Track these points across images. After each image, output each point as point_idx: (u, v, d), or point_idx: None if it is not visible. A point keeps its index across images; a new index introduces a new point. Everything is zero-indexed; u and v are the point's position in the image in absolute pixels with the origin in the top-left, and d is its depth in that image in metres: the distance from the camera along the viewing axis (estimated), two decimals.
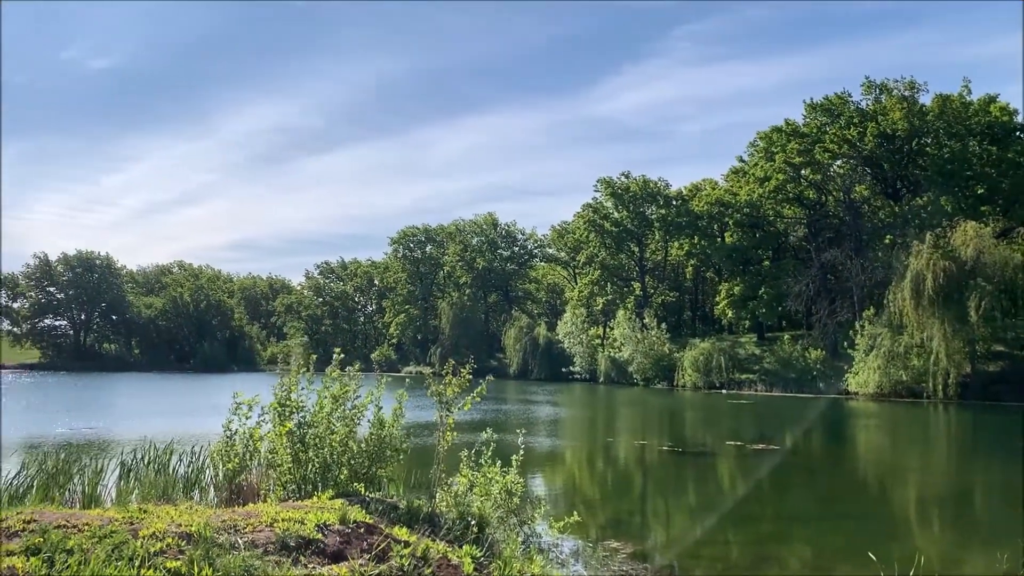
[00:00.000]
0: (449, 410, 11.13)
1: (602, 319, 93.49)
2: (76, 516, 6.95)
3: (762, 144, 77.99)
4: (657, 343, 78.32)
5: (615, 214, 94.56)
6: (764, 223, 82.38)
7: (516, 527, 10.67)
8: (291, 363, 11.17)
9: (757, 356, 72.97)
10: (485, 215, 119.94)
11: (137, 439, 15.29)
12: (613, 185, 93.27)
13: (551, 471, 23.84)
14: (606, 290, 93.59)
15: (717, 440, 32.86)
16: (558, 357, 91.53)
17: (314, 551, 6.86)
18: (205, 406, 42.41)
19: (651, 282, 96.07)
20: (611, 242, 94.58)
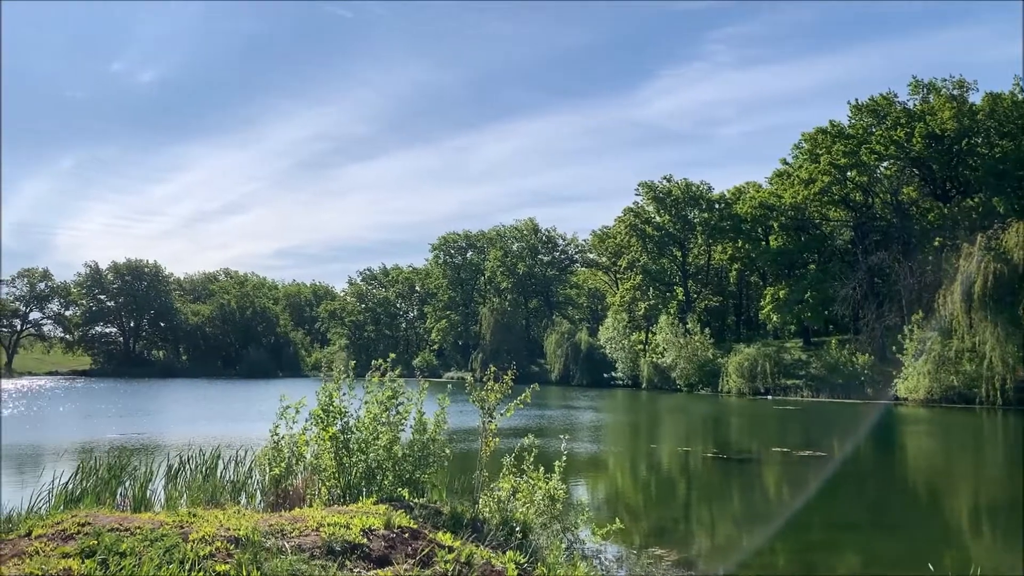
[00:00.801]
0: (491, 416, 11.14)
1: (644, 324, 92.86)
2: (128, 519, 7.10)
3: (807, 146, 76.92)
4: (700, 348, 77.55)
5: (657, 218, 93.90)
6: (809, 226, 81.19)
7: (559, 533, 10.63)
8: (334, 369, 11.29)
9: (803, 361, 71.85)
10: (526, 220, 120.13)
11: (185, 444, 15.57)
12: (655, 189, 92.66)
13: (593, 477, 23.73)
14: (648, 295, 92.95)
15: (763, 446, 32.43)
16: (600, 363, 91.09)
17: (360, 555, 6.91)
18: (251, 412, 43.05)
19: (694, 287, 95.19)
20: (653, 246, 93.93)
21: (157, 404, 55.15)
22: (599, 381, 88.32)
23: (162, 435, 30.74)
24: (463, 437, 23.44)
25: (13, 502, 8.97)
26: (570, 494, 12.51)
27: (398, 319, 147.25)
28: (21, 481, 17.97)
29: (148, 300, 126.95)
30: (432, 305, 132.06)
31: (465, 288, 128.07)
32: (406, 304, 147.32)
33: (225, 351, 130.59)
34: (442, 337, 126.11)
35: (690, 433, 39.65)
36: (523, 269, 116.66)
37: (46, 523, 7.07)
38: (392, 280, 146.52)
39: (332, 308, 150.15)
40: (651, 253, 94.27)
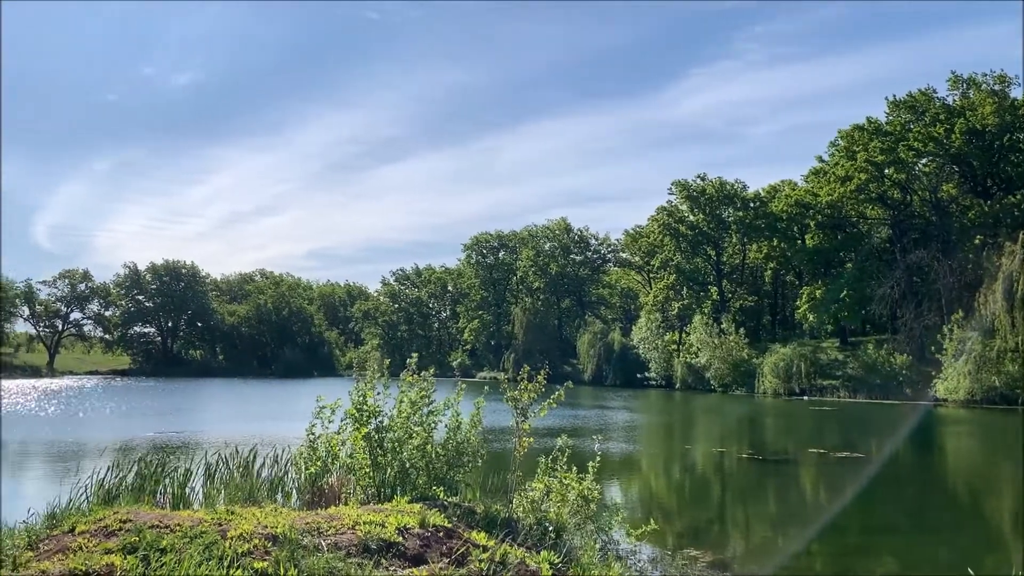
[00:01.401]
0: (525, 416, 11.14)
1: (678, 324, 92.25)
2: (168, 516, 7.21)
3: (843, 143, 75.89)
4: (735, 348, 76.90)
5: (691, 217, 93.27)
6: (846, 224, 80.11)
7: (593, 534, 10.61)
8: (367, 369, 11.35)
9: (840, 361, 70.94)
10: (558, 220, 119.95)
11: (222, 443, 15.76)
12: (688, 187, 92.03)
13: (627, 478, 23.63)
14: (682, 295, 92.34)
15: (799, 447, 32.07)
16: (633, 363, 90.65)
17: (395, 554, 6.95)
18: (287, 411, 43.51)
19: (728, 286, 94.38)
20: (687, 246, 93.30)
21: (194, 403, 55.94)
22: (632, 381, 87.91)
23: (199, 434, 31.17)
24: (496, 437, 23.48)
25: (55, 498, 9.15)
26: (604, 495, 12.46)
27: (431, 319, 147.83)
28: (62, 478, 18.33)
29: (185, 300, 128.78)
30: (464, 305, 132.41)
31: (497, 288, 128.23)
32: (439, 304, 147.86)
33: (261, 351, 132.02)
34: (474, 337, 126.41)
35: (725, 434, 39.33)
36: (555, 269, 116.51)
37: (89, 519, 7.21)
38: (425, 280, 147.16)
39: (366, 308, 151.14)
40: (685, 252, 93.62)
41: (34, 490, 18.86)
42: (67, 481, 10.91)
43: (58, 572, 5.80)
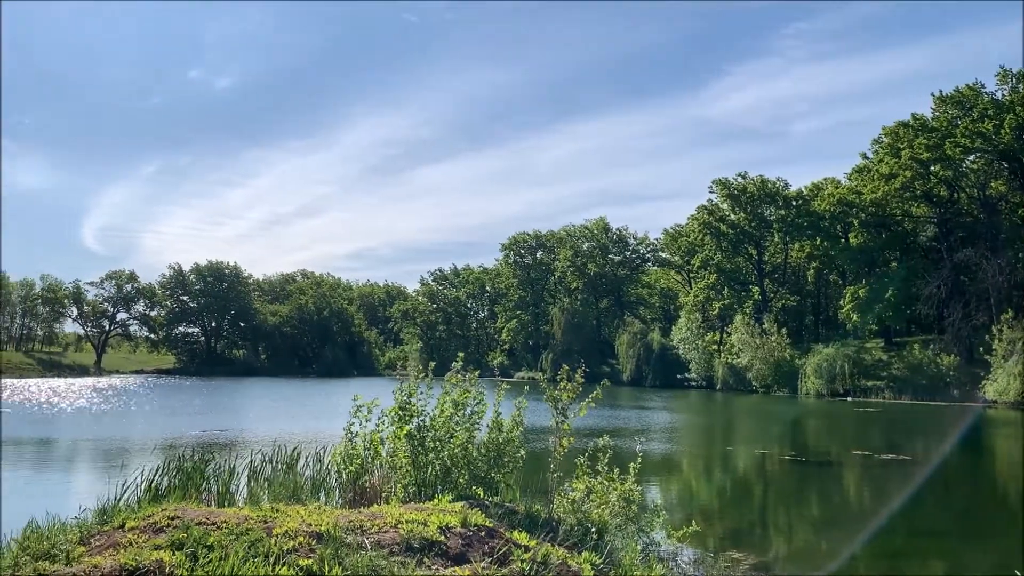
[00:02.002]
0: (564, 416, 11.12)
1: (718, 324, 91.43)
2: (215, 514, 7.32)
3: (887, 140, 74.57)
4: (777, 349, 76.00)
5: (732, 216, 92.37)
6: (891, 222, 78.69)
7: (635, 535, 10.54)
8: (408, 368, 11.43)
9: (885, 362, 69.76)
10: (596, 220, 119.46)
11: (265, 441, 15.97)
12: (729, 186, 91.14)
13: (667, 479, 23.48)
14: (722, 294, 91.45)
15: (842, 449, 31.60)
16: (673, 363, 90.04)
17: (437, 553, 6.98)
18: (328, 410, 43.97)
19: (770, 286, 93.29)
20: (727, 245, 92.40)
21: (238, 402, 56.76)
22: (672, 382, 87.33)
23: (243, 432, 31.62)
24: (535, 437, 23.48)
25: (104, 495, 9.34)
26: (644, 496, 12.39)
27: (469, 319, 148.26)
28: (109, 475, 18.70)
29: (229, 301, 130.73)
30: (502, 305, 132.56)
31: (535, 288, 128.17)
32: (477, 304, 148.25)
33: (302, 350, 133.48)
34: (512, 337, 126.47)
35: (766, 435, 38.87)
36: (594, 269, 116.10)
37: (138, 516, 7.35)
38: (463, 280, 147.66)
39: (404, 308, 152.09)
40: (725, 251, 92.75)
41: (84, 486, 19.30)
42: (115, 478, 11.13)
43: (109, 567, 5.91)
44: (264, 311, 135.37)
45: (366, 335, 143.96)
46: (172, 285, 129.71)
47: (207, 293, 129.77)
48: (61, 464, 24.54)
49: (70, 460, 25.30)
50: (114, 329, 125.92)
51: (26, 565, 6.18)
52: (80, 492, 17.72)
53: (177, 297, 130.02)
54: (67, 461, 25.15)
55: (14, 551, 6.74)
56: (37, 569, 6.01)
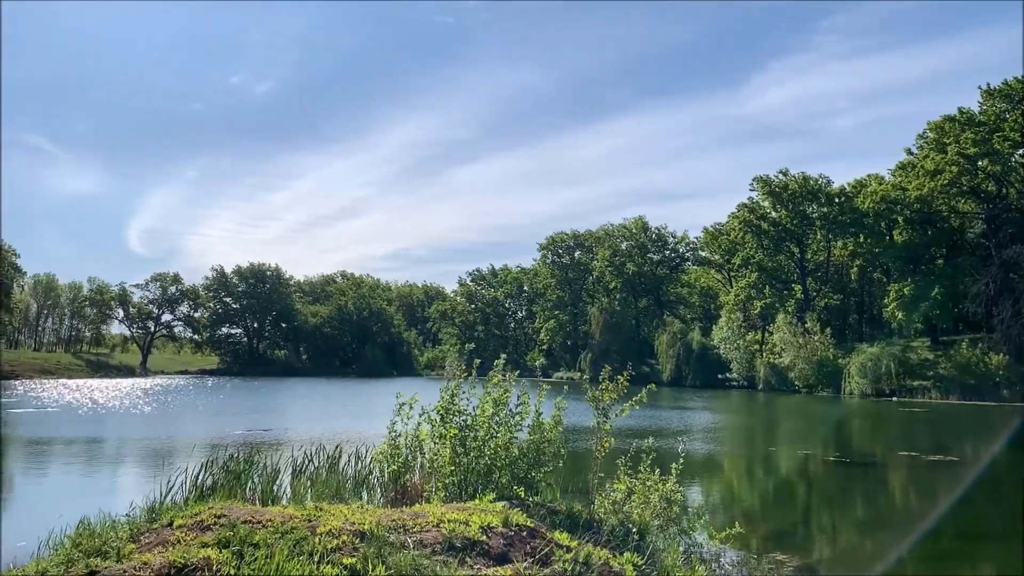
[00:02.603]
0: (606, 416, 11.08)
1: (760, 323, 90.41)
2: (260, 512, 7.42)
3: (932, 135, 73.13)
4: (820, 348, 74.95)
5: (773, 213, 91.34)
6: (937, 219, 77.17)
7: (676, 536, 10.47)
8: (447, 369, 11.51)
9: (931, 361, 68.38)
10: (634, 219, 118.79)
11: (308, 440, 16.14)
12: (770, 183, 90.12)
13: (709, 480, 23.27)
14: (764, 293, 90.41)
15: (888, 450, 31.04)
16: (713, 363, 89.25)
17: (479, 552, 7.00)
18: (369, 409, 44.34)
19: (813, 284, 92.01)
20: (769, 243, 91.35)
21: (280, 402, 57.44)
22: (713, 382, 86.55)
23: (286, 431, 31.98)
24: (575, 436, 23.41)
25: (151, 493, 9.53)
26: (686, 496, 12.30)
27: (507, 319, 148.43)
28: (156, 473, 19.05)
29: (270, 302, 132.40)
30: (540, 305, 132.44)
31: (573, 288, 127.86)
32: (515, 304, 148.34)
33: (342, 350, 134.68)
34: (551, 337, 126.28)
35: (810, 435, 38.33)
36: (632, 268, 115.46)
37: (185, 514, 7.48)
38: (501, 280, 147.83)
39: (443, 308, 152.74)
40: (767, 250, 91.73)
41: (132, 484, 19.69)
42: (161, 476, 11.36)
43: (159, 564, 6.03)
44: (305, 312, 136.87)
45: (405, 335, 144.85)
46: (215, 287, 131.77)
47: (249, 294, 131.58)
48: (109, 463, 25.06)
49: (118, 459, 25.82)
50: (159, 330, 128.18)
51: (79, 561, 6.32)
52: (128, 490, 18.08)
53: (220, 299, 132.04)
54: (115, 460, 25.67)
55: (67, 547, 6.90)
56: (89, 565, 6.15)
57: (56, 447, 27.89)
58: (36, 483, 21.12)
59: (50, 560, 6.65)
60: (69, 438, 30.10)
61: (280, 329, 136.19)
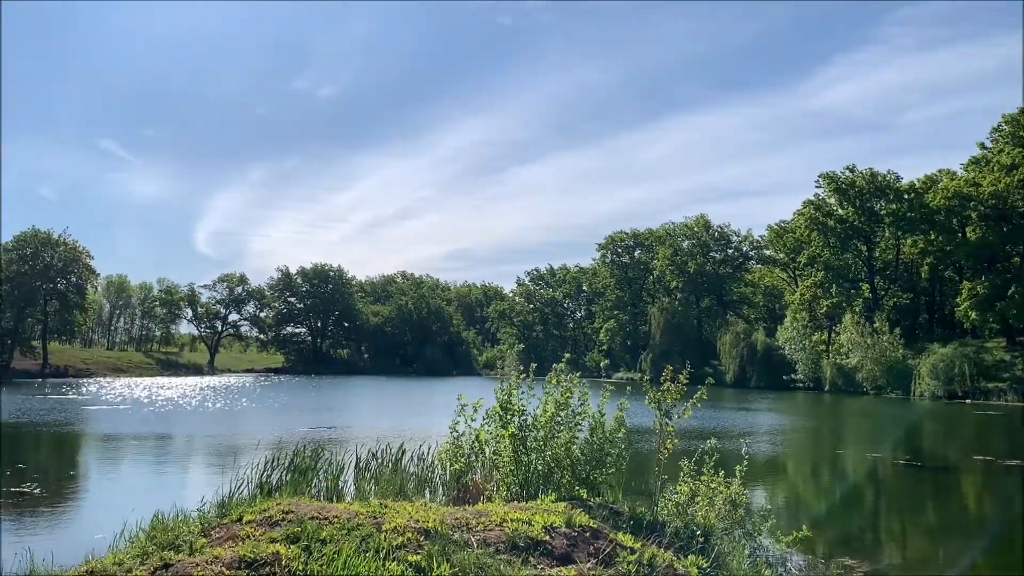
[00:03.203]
0: (668, 417, 10.97)
1: (826, 323, 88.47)
2: (326, 508, 7.54)
3: (1008, 128, 70.70)
4: (889, 349, 73.04)
5: (840, 211, 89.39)
6: (1013, 215, 74.41)
7: (742, 539, 10.31)
8: (506, 368, 11.54)
9: (1007, 363, 66.04)
10: (696, 217, 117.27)
11: (371, 438, 16.34)
12: (837, 180, 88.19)
13: (774, 482, 22.86)
14: (830, 292, 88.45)
15: (961, 454, 30.08)
16: (778, 364, 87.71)
17: (542, 552, 6.99)
18: (430, 408, 44.73)
19: (881, 283, 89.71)
20: (835, 241, 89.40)
21: (343, 400, 58.32)
22: (777, 383, 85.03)
23: (349, 429, 32.45)
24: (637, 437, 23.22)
25: (220, 488, 9.75)
26: (751, 499, 12.10)
27: (566, 319, 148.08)
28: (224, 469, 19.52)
29: (333, 302, 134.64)
30: (600, 305, 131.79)
31: (633, 287, 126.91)
32: (573, 304, 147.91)
33: (403, 349, 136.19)
34: (610, 337, 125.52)
35: (878, 438, 37.35)
36: (694, 267, 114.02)
37: (254, 509, 7.64)
38: (559, 280, 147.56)
39: (501, 308, 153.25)
40: (833, 248, 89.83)
41: (201, 479, 20.20)
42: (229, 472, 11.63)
43: (229, 558, 6.16)
44: (366, 311, 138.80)
45: (464, 335, 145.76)
46: (280, 287, 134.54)
47: (313, 294, 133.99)
48: (179, 458, 25.77)
49: (187, 455, 26.54)
50: (226, 330, 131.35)
51: (153, 554, 6.51)
52: (198, 485, 18.55)
53: (285, 299, 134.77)
54: (184, 456, 26.38)
55: (142, 541, 7.12)
56: (163, 558, 6.32)
57: (128, 443, 28.80)
58: (110, 477, 21.84)
59: (126, 552, 6.86)
60: (140, 434, 31.06)
61: (343, 328, 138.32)
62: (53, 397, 50.23)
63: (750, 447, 27.87)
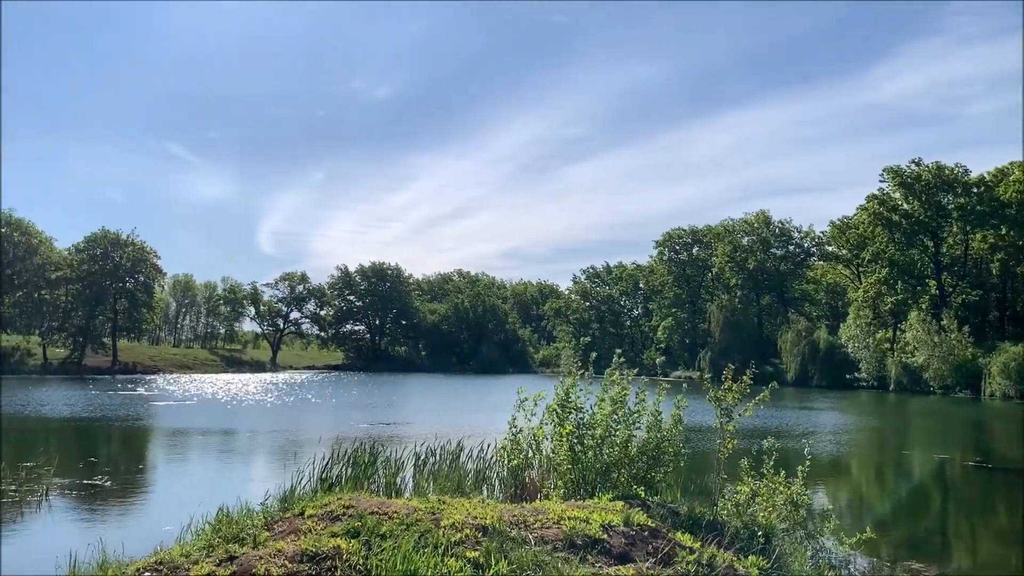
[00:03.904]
0: (729, 417, 10.84)
1: (891, 321, 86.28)
2: (385, 504, 7.63)
3: None
4: (958, 347, 70.95)
5: (905, 205, 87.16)
6: None
7: (803, 540, 10.13)
8: (562, 366, 11.53)
9: None
10: (756, 213, 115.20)
11: (428, 434, 16.49)
12: (902, 174, 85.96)
13: (837, 483, 22.42)
14: (895, 289, 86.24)
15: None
16: (841, 363, 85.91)
17: (600, 551, 6.97)
18: (486, 405, 44.94)
19: (948, 279, 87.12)
20: (900, 236, 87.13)
21: (401, 396, 58.93)
22: (840, 382, 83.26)
23: (408, 426, 32.79)
24: (696, 436, 23.00)
25: (283, 483, 9.95)
26: (812, 499, 11.87)
27: (622, 317, 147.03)
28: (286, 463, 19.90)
29: (391, 300, 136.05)
30: (657, 302, 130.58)
31: (691, 285, 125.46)
32: (630, 302, 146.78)
33: (459, 347, 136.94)
34: (668, 335, 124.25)
35: (947, 439, 36.32)
36: (754, 264, 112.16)
37: (316, 504, 7.78)
38: (616, 278, 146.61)
39: (557, 306, 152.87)
40: (898, 244, 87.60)
41: (264, 473, 20.64)
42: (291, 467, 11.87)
43: (291, 551, 6.28)
44: (423, 309, 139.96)
45: (520, 333, 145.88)
46: (339, 286, 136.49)
47: (371, 293, 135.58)
48: (243, 453, 26.36)
49: (250, 449, 27.12)
50: (287, 327, 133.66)
51: (219, 547, 6.67)
52: (261, 479, 18.96)
53: (344, 297, 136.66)
54: (248, 450, 26.98)
55: (208, 533, 7.30)
56: (228, 551, 6.48)
57: (194, 437, 29.57)
58: (177, 471, 22.46)
59: (193, 544, 7.04)
60: (205, 429, 31.86)
61: (400, 326, 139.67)
62: (123, 393, 51.84)
63: (812, 447, 27.36)
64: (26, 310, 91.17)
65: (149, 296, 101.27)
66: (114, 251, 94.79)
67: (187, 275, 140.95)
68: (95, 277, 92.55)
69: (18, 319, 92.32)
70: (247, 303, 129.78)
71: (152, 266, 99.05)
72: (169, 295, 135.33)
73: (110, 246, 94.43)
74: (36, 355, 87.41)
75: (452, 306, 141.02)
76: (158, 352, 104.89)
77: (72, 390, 54.16)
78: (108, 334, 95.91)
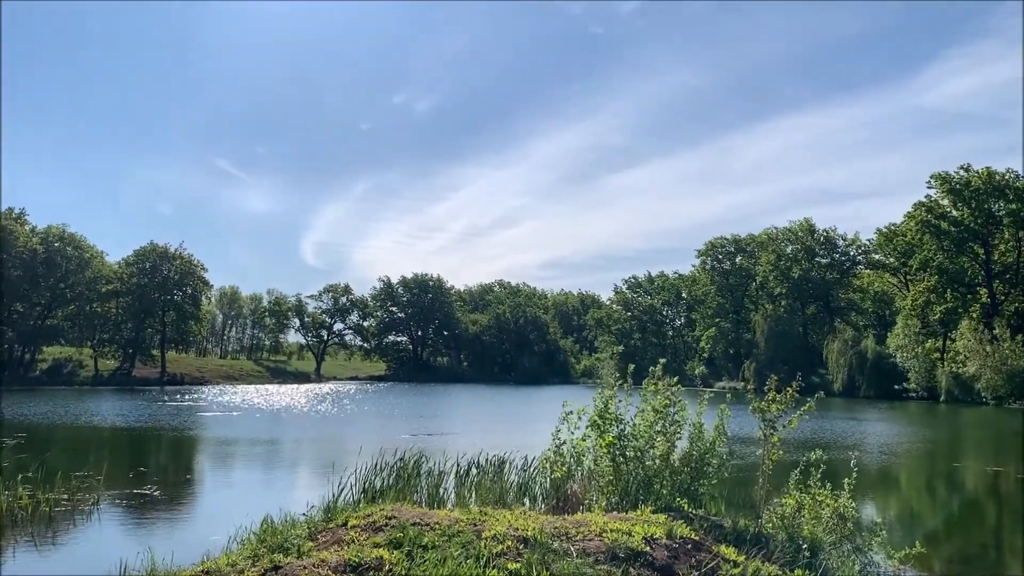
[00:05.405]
0: (773, 428, 10.69)
1: (940, 330, 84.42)
2: (427, 515, 7.67)
3: None
4: (1011, 356, 69.11)
5: (954, 212, 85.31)
6: None
7: (851, 554, 9.94)
8: (603, 376, 11.48)
9: None
10: (801, 221, 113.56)
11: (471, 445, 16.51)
12: (950, 180, 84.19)
13: (885, 495, 21.95)
14: (944, 298, 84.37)
15: None
16: (888, 373, 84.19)
17: (642, 563, 6.91)
18: (529, 416, 44.88)
19: (1001, 287, 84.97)
20: (949, 244, 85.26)
21: (444, 407, 59.11)
22: (888, 392, 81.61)
23: (450, 435, 32.86)
24: (740, 449, 22.69)
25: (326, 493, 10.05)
26: (860, 512, 11.65)
27: (665, 327, 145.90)
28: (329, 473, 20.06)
29: (433, 311, 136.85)
30: (700, 312, 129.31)
31: (735, 294, 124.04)
32: (672, 312, 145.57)
33: (501, 358, 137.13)
34: (711, 345, 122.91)
35: (1000, 451, 35.34)
36: (798, 273, 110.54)
37: (359, 515, 7.84)
38: (658, 288, 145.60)
39: (599, 316, 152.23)
40: (947, 251, 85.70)
41: (308, 483, 20.85)
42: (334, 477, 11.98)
43: (335, 562, 6.34)
44: (465, 320, 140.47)
45: (562, 343, 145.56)
46: (382, 297, 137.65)
47: (413, 304, 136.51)
48: (287, 463, 26.66)
49: (295, 459, 27.42)
50: (331, 338, 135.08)
51: (264, 556, 6.76)
52: (304, 488, 19.15)
53: (387, 308, 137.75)
54: (292, 460, 27.28)
55: (253, 543, 7.41)
56: (273, 560, 6.56)
57: (240, 447, 29.98)
58: (224, 480, 22.79)
59: (238, 554, 7.15)
60: (252, 439, 32.29)
61: (442, 337, 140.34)
62: (171, 404, 52.78)
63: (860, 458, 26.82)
64: (78, 322, 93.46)
65: (196, 308, 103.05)
66: (163, 264, 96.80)
67: (233, 287, 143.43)
68: (144, 290, 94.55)
69: (71, 331, 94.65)
70: (292, 315, 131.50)
71: (199, 279, 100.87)
72: (216, 307, 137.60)
73: (159, 259, 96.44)
74: (88, 366, 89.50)
75: (493, 317, 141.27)
76: (205, 363, 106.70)
77: (122, 401, 55.33)
78: (157, 346, 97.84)
